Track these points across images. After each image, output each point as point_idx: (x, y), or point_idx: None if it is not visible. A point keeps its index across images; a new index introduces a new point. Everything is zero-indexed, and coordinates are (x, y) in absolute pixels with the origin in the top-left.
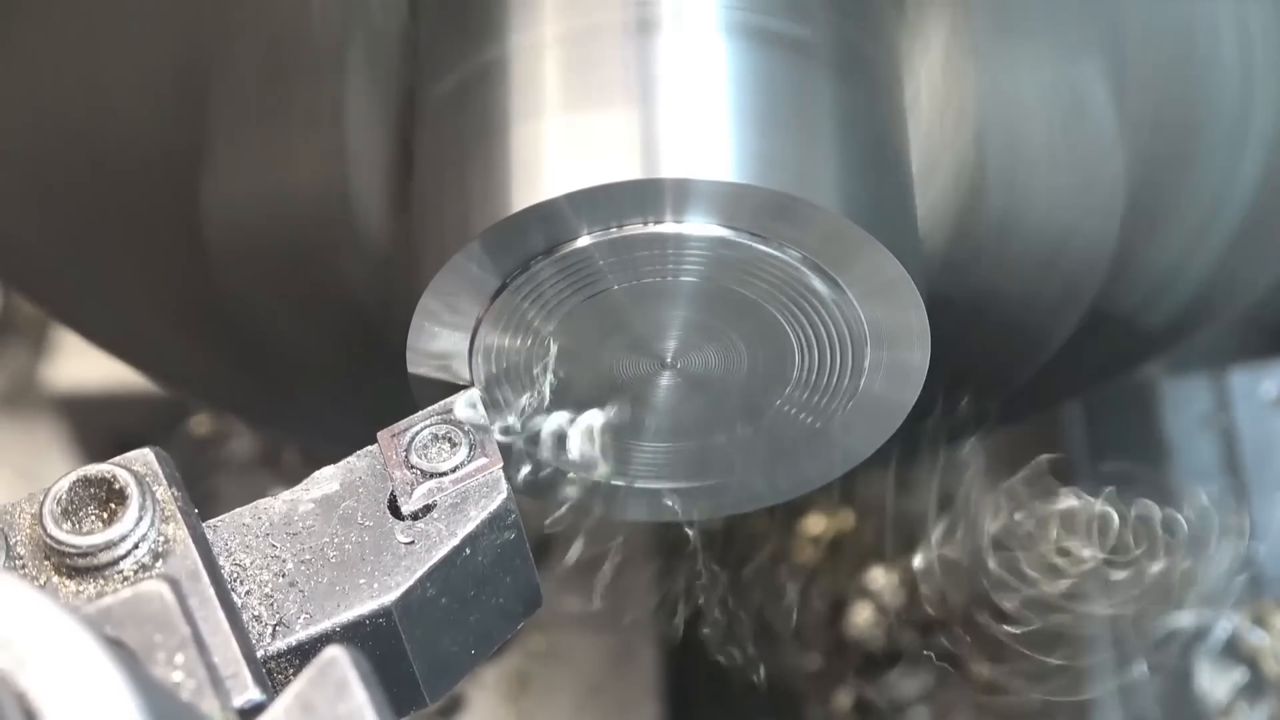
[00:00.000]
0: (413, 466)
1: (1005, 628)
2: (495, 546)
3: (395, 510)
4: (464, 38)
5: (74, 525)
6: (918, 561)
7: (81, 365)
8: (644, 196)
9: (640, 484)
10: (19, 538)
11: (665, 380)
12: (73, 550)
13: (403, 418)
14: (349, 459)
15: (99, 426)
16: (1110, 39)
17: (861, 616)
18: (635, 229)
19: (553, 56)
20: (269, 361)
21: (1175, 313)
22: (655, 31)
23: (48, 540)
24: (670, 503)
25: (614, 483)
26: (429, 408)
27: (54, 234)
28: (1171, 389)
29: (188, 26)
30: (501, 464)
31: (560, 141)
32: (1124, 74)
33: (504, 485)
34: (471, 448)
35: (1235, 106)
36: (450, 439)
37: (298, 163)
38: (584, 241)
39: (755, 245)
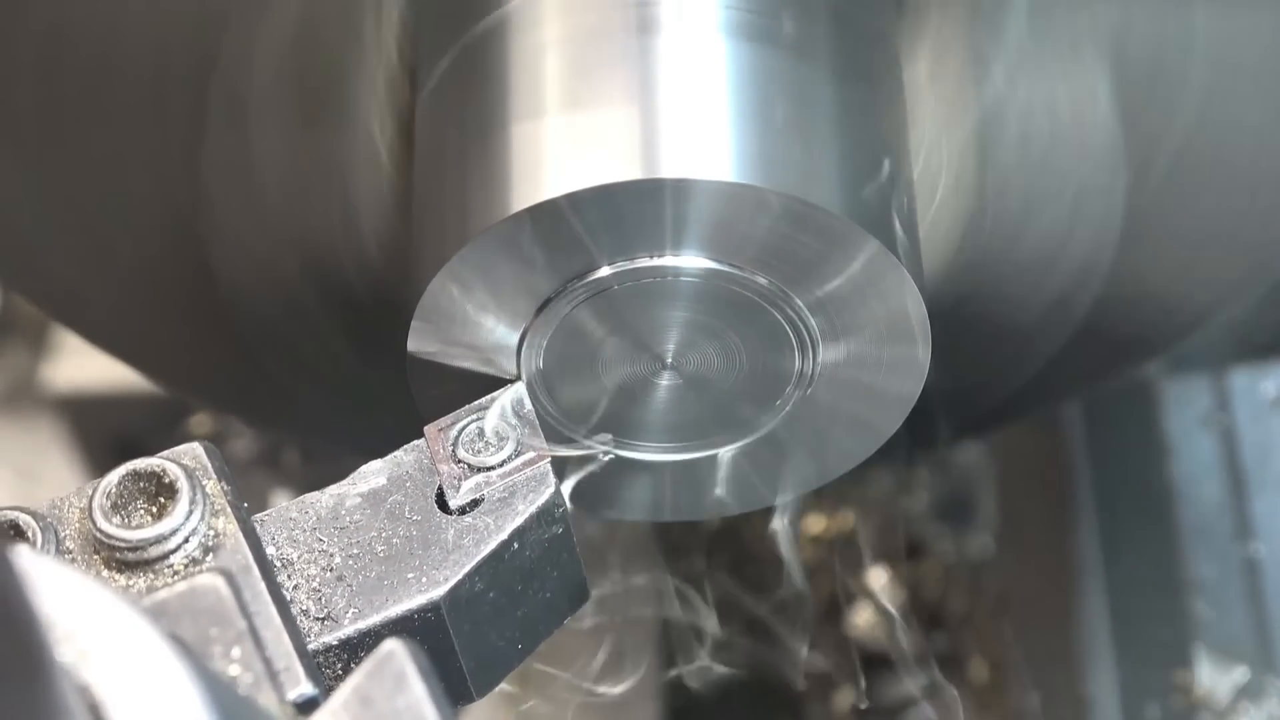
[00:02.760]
0: (460, 461)
1: None
2: (543, 541)
3: (443, 504)
4: (464, 37)
5: (123, 519)
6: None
7: (81, 365)
8: (644, 196)
9: (638, 481)
10: (68, 532)
11: (664, 380)
12: (123, 544)
13: (401, 417)
14: (395, 453)
15: (99, 426)
16: (1111, 48)
17: (862, 616)
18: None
19: (553, 56)
20: (269, 361)
21: (1174, 316)
22: (655, 31)
23: (97, 534)
24: (670, 503)
25: (617, 454)
26: (474, 402)
27: (54, 238)
28: (1171, 389)
29: (186, 32)
30: (549, 458)
31: (560, 141)
32: (1125, 82)
33: (552, 479)
34: (519, 442)
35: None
36: (497, 433)
37: (297, 165)
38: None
39: (751, 277)
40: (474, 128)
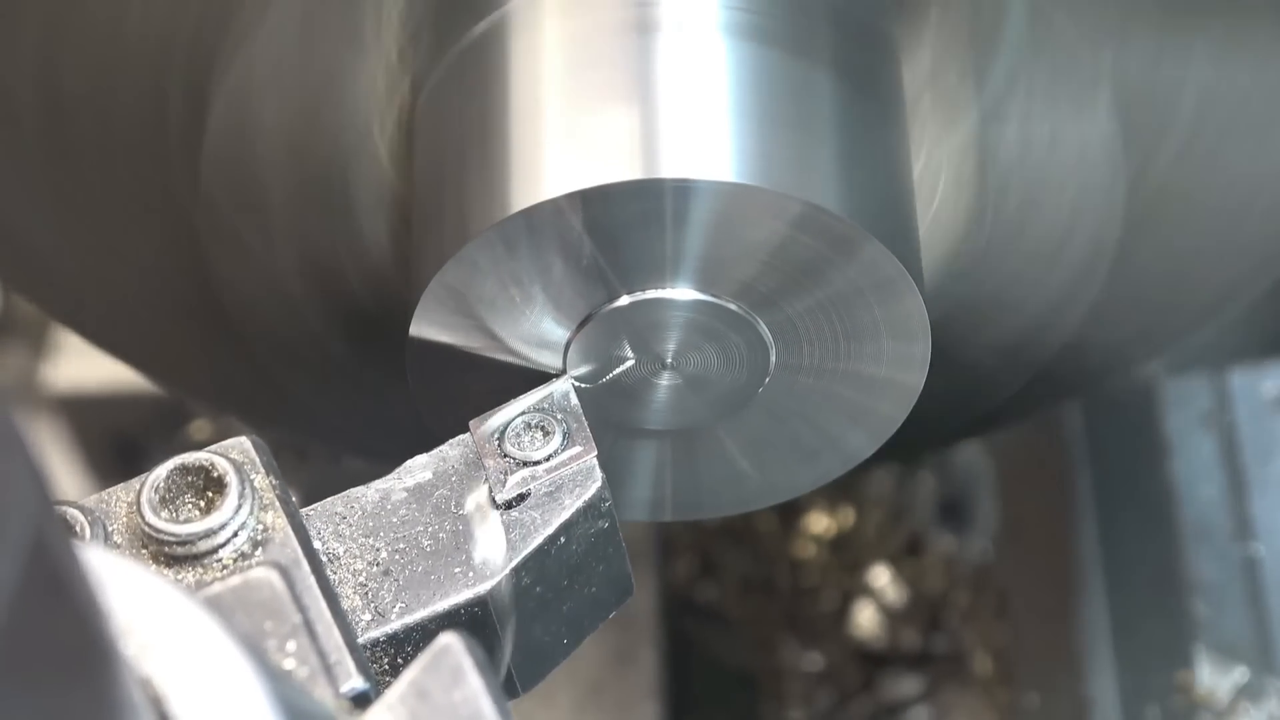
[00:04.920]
0: (506, 455)
1: None
2: (589, 535)
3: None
4: (464, 37)
5: (172, 513)
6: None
7: (81, 365)
8: (644, 197)
9: (639, 480)
10: (116, 526)
11: (665, 380)
12: (172, 539)
13: (401, 416)
14: (441, 448)
15: (99, 426)
16: (1111, 59)
17: (864, 615)
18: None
19: (552, 56)
20: (268, 362)
21: (1174, 316)
22: (655, 31)
23: (146, 529)
24: (672, 502)
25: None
26: (521, 396)
27: (54, 236)
28: (1171, 389)
29: (188, 30)
30: (596, 452)
31: (560, 141)
32: (1126, 89)
33: (598, 474)
34: (565, 436)
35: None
36: (543, 428)
37: (296, 164)
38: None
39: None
40: (474, 128)
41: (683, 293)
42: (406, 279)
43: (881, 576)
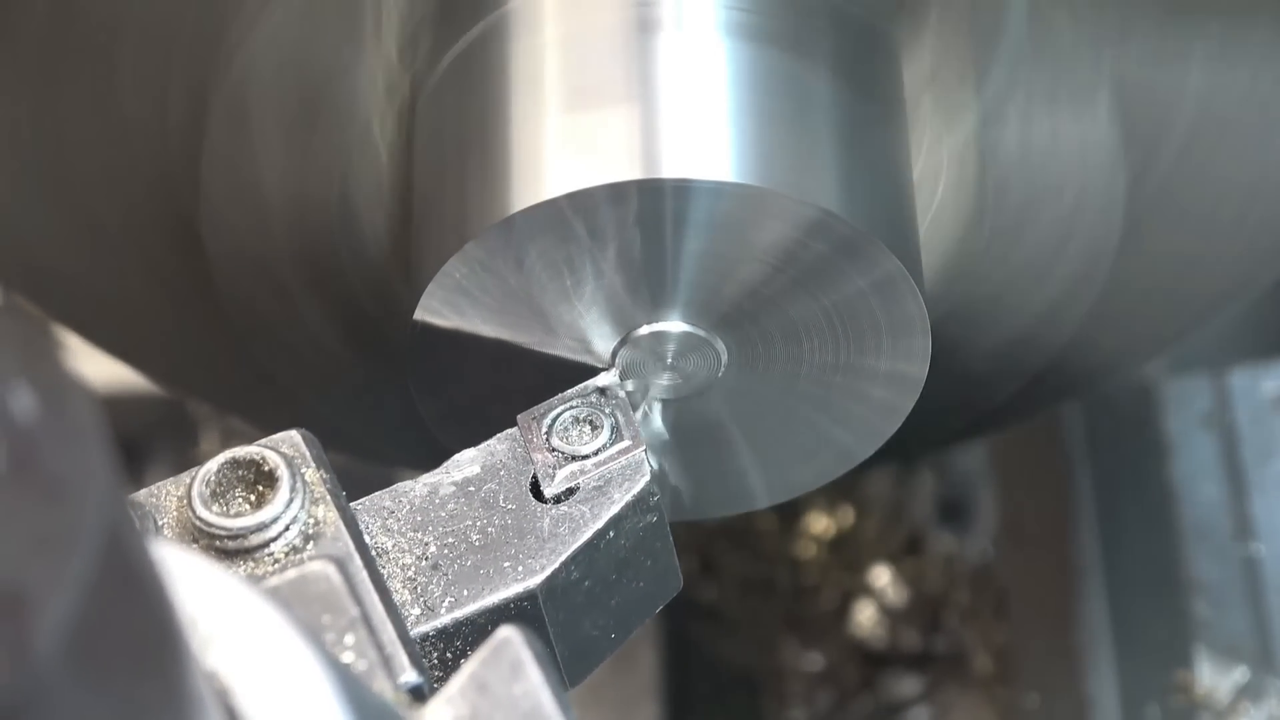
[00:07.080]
0: (554, 449)
1: None
2: (638, 529)
3: (538, 493)
4: (464, 37)
5: (222, 507)
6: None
7: (82, 365)
8: (644, 196)
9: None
10: (166, 520)
11: (664, 380)
12: (223, 533)
13: (402, 416)
14: (488, 442)
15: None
16: (1111, 60)
17: (864, 615)
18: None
19: (553, 56)
20: (269, 362)
21: (1173, 316)
22: (655, 31)
23: (196, 523)
24: (671, 502)
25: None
26: (567, 390)
27: (54, 235)
28: (1171, 389)
29: (188, 28)
30: (644, 446)
31: (560, 141)
32: (1126, 91)
33: (647, 468)
34: (613, 430)
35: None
36: (591, 421)
37: (296, 164)
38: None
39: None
40: (474, 128)
41: (676, 325)
42: (406, 278)
43: (881, 576)
